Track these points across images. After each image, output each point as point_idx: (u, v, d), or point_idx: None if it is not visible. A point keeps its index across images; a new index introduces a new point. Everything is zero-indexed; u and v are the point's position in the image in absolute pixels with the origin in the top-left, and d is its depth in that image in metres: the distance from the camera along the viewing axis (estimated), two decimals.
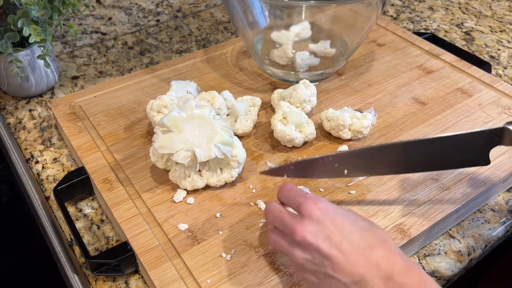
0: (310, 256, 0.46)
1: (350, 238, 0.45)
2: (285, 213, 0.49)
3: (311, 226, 0.46)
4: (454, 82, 0.81)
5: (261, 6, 0.72)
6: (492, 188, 0.64)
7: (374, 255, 0.44)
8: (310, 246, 0.46)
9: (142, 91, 0.79)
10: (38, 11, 0.70)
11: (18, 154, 0.73)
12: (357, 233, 0.46)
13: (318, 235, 0.45)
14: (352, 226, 0.46)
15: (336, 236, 0.45)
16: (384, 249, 0.45)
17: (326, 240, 0.45)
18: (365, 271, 0.44)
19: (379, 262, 0.44)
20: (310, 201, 0.47)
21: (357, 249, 0.45)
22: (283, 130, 0.66)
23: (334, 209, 0.48)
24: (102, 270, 0.56)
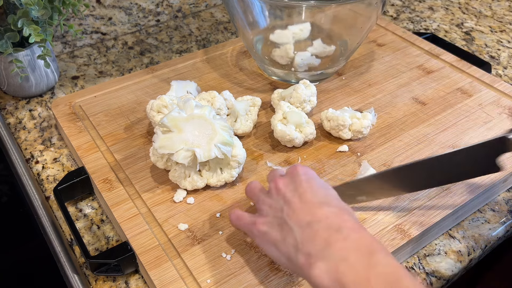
0: (274, 202, 0.49)
1: (315, 193, 0.48)
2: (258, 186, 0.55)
3: (287, 179, 0.50)
4: (454, 82, 0.81)
5: (261, 6, 0.72)
6: (492, 188, 0.64)
7: (328, 210, 0.46)
8: (278, 192, 0.49)
9: (142, 91, 0.79)
10: (38, 11, 0.70)
11: (18, 154, 0.73)
12: (322, 193, 0.48)
13: (289, 185, 0.49)
14: (322, 189, 0.49)
15: (302, 188, 0.48)
16: (339, 209, 0.46)
17: (293, 190, 0.49)
18: (313, 219, 0.45)
19: (329, 215, 0.45)
20: (297, 165, 0.52)
21: (317, 202, 0.47)
22: (283, 130, 0.66)
23: (314, 174, 0.51)
24: (102, 270, 0.56)
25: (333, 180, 0.64)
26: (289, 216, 0.46)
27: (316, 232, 0.44)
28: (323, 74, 0.81)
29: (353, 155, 0.68)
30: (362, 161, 0.67)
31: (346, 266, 0.41)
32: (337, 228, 0.43)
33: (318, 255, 0.42)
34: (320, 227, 0.44)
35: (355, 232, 0.43)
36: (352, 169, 0.66)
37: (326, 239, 0.43)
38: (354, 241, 0.42)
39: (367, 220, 0.59)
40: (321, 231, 0.43)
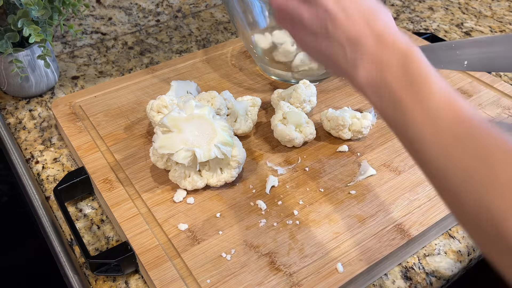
0: (315, 13, 0.46)
1: (357, 4, 0.45)
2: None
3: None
4: (453, 82, 0.81)
5: (261, 6, 0.72)
6: None
7: (376, 22, 0.44)
8: (320, 4, 0.46)
9: (142, 91, 0.79)
10: (38, 11, 0.70)
11: (18, 154, 0.73)
12: (366, 4, 0.46)
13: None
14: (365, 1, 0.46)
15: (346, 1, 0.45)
16: (388, 22, 0.45)
17: (336, 2, 0.45)
18: (362, 34, 0.44)
19: (378, 29, 0.44)
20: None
21: (361, 15, 0.45)
22: (283, 130, 0.66)
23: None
24: (102, 270, 0.56)
25: (333, 180, 0.64)
26: (334, 30, 0.45)
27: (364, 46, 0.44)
28: (323, 74, 0.81)
29: (353, 155, 0.68)
30: (362, 161, 0.67)
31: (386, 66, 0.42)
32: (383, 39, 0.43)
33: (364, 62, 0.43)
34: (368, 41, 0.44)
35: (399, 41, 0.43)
36: (352, 169, 0.66)
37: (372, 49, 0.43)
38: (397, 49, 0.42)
39: (367, 220, 0.59)
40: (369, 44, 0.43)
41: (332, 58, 0.46)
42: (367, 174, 0.65)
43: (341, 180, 0.64)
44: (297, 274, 0.54)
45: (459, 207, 0.37)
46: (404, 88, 0.40)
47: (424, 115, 0.38)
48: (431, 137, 0.38)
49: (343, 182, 0.64)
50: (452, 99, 0.38)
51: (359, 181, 0.64)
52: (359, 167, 0.66)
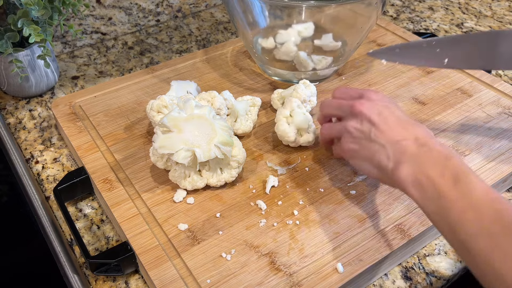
0: (360, 125, 0.55)
1: (397, 118, 0.54)
2: (343, 101, 0.59)
3: (368, 104, 0.55)
4: (454, 82, 0.81)
5: (261, 6, 0.72)
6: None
7: (414, 130, 0.52)
8: (363, 116, 0.54)
9: (142, 91, 0.79)
10: (38, 11, 0.70)
11: (18, 154, 0.73)
12: (404, 118, 0.54)
13: (372, 109, 0.55)
14: (402, 114, 0.55)
15: (386, 113, 0.54)
16: (425, 132, 0.52)
17: (378, 114, 0.54)
18: (402, 137, 0.51)
19: (418, 135, 0.51)
20: (369, 91, 0.57)
21: (401, 125, 0.53)
22: (285, 130, 0.66)
23: (390, 100, 0.57)
24: (102, 270, 0.56)
25: (333, 180, 0.64)
26: (377, 136, 0.53)
27: (405, 147, 0.50)
28: (323, 74, 0.81)
29: None
30: None
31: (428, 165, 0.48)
32: (423, 143, 0.50)
33: (406, 161, 0.50)
34: (408, 143, 0.51)
35: (438, 146, 0.50)
36: (352, 169, 0.66)
37: (413, 150, 0.50)
38: (437, 151, 0.49)
39: (367, 220, 0.59)
40: (410, 146, 0.50)
41: (374, 158, 0.53)
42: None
43: (341, 180, 0.64)
44: (297, 274, 0.54)
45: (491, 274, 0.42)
46: (447, 183, 0.46)
47: (466, 204, 0.44)
48: (473, 223, 0.43)
49: (343, 182, 0.64)
50: (492, 194, 0.44)
51: (359, 181, 0.64)
52: None
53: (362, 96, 0.58)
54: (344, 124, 0.57)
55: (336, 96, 0.62)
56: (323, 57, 0.77)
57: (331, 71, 0.81)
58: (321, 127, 0.63)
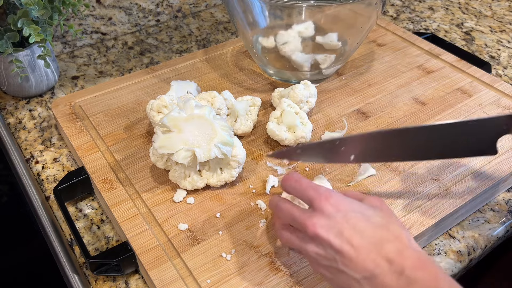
0: (323, 251, 0.46)
1: (362, 233, 0.45)
2: (294, 208, 0.49)
3: (323, 221, 0.46)
4: (454, 82, 0.81)
5: (261, 6, 0.72)
6: (492, 188, 0.64)
7: (385, 250, 0.44)
8: (322, 241, 0.46)
9: (142, 91, 0.79)
10: (38, 11, 0.70)
11: (18, 154, 0.73)
12: (369, 229, 0.46)
13: (330, 230, 0.46)
14: (365, 222, 0.46)
15: (347, 231, 0.45)
16: (396, 244, 0.45)
17: (338, 236, 0.45)
18: (375, 266, 0.44)
19: (390, 257, 0.44)
20: (322, 196, 0.48)
21: (368, 245, 0.44)
22: (273, 129, 0.67)
23: (347, 204, 0.47)
24: (102, 270, 0.56)
25: (333, 180, 0.64)
26: (346, 265, 0.45)
27: (383, 282, 0.43)
28: (323, 74, 0.81)
29: None
30: None
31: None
32: (400, 271, 0.43)
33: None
34: (385, 275, 0.43)
35: (419, 270, 0.43)
36: (352, 169, 0.66)
37: (393, 284, 0.43)
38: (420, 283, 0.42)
39: None
40: (387, 279, 0.43)
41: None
42: (367, 174, 0.65)
43: (341, 180, 0.64)
44: (297, 274, 0.54)
45: None
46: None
47: None
48: None
49: (343, 182, 0.64)
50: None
51: (359, 181, 0.64)
52: (359, 167, 0.66)
53: (312, 204, 0.48)
54: (304, 247, 0.48)
55: (285, 188, 0.52)
56: (326, 55, 0.77)
57: (334, 70, 0.81)
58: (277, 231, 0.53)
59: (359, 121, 0.73)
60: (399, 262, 0.43)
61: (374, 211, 0.48)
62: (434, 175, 0.65)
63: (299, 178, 0.51)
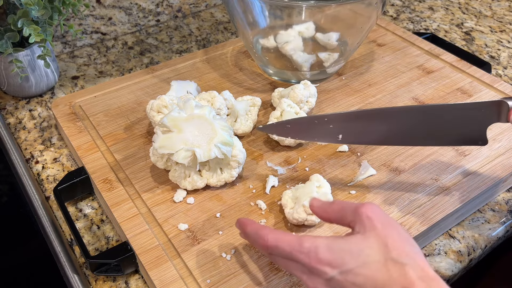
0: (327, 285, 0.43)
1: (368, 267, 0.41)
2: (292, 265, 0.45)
3: (323, 284, 0.43)
4: (454, 82, 0.81)
5: (261, 6, 0.72)
6: (492, 188, 0.64)
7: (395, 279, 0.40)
8: (325, 276, 0.42)
9: (142, 91, 0.79)
10: (38, 11, 0.70)
11: (18, 154, 0.73)
12: (369, 281, 0.41)
13: (332, 263, 0.42)
14: (363, 274, 0.41)
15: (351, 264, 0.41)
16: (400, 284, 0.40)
17: (343, 272, 0.42)
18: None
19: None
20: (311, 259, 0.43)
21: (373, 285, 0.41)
22: None
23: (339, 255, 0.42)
24: (102, 270, 0.56)
25: (333, 180, 0.64)
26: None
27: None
28: (323, 74, 0.81)
29: (353, 155, 0.68)
30: (362, 161, 0.67)
31: None
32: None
33: None
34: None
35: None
36: (352, 169, 0.66)
37: None
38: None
39: None
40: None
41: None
42: (367, 174, 0.65)
43: (341, 180, 0.64)
44: None
45: None
46: None
47: None
48: None
49: (343, 182, 0.64)
50: None
51: (359, 181, 0.64)
52: (359, 167, 0.66)
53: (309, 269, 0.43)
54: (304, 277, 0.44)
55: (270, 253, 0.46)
56: (329, 53, 0.78)
57: (336, 68, 0.81)
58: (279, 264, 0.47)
59: None
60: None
61: (367, 246, 0.43)
62: (434, 175, 0.65)
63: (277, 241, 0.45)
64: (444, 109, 0.54)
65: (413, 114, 0.55)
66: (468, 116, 0.54)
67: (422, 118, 0.55)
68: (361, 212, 0.44)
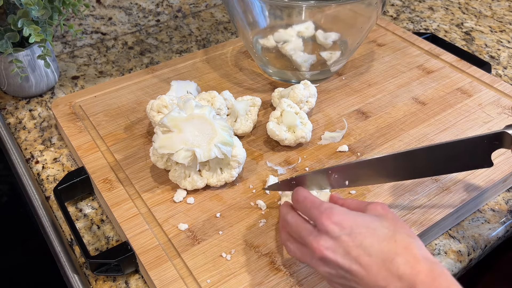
0: (334, 271, 0.46)
1: (369, 250, 0.44)
2: (301, 226, 0.49)
3: (329, 242, 0.46)
4: (454, 82, 0.81)
5: (261, 6, 0.72)
6: (492, 188, 0.64)
7: (395, 265, 0.43)
8: (330, 263, 0.46)
9: (142, 91, 0.79)
10: (38, 11, 0.70)
11: (18, 154, 0.73)
12: (376, 244, 0.45)
13: (336, 251, 0.45)
14: (371, 238, 0.45)
15: (354, 250, 0.45)
16: (406, 256, 0.44)
17: (345, 256, 0.45)
18: (387, 283, 0.43)
19: (401, 273, 0.43)
20: (324, 215, 0.47)
21: (377, 262, 0.44)
22: (273, 130, 0.66)
23: (351, 220, 0.46)
24: (102, 270, 0.56)
25: None
26: (358, 283, 0.45)
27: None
28: (324, 74, 0.81)
29: (353, 155, 0.68)
30: None
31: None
32: (413, 286, 0.42)
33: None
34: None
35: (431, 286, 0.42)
36: None
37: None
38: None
39: None
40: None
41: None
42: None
43: None
44: (297, 274, 0.54)
45: None
46: None
47: None
48: None
49: None
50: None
51: None
52: None
53: (316, 224, 0.47)
54: (315, 266, 0.48)
55: (295, 206, 0.52)
56: (331, 52, 0.78)
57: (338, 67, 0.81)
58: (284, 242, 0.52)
59: (359, 121, 0.73)
60: (410, 278, 0.42)
61: (379, 221, 0.47)
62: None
63: (304, 198, 0.50)
64: (448, 146, 0.55)
65: (416, 155, 0.56)
66: (472, 148, 0.56)
67: (426, 158, 0.56)
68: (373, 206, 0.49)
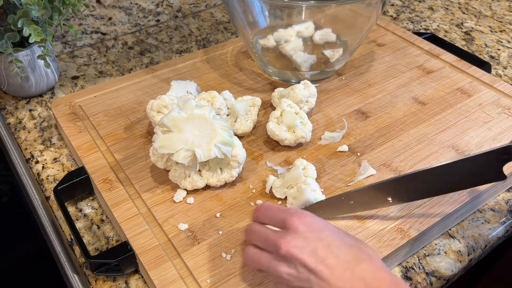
0: (295, 271, 0.45)
1: (336, 252, 0.44)
2: (267, 230, 0.48)
3: (297, 240, 0.45)
4: (454, 82, 0.81)
5: (261, 6, 0.72)
6: (492, 188, 0.64)
7: (360, 269, 0.43)
8: (295, 261, 0.45)
9: (142, 91, 0.79)
10: (38, 11, 0.70)
11: (18, 154, 0.74)
12: (343, 248, 0.45)
13: (304, 249, 0.44)
14: (338, 242, 0.45)
15: (321, 250, 0.44)
16: (370, 264, 0.44)
17: (312, 255, 0.44)
18: (351, 286, 0.43)
19: (366, 277, 0.43)
20: (294, 216, 0.47)
21: (343, 264, 0.44)
22: (273, 130, 0.67)
23: (320, 224, 0.47)
24: (102, 270, 0.56)
25: (332, 180, 0.64)
26: (321, 286, 0.43)
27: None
28: (323, 73, 0.81)
29: (353, 155, 0.68)
30: (362, 161, 0.67)
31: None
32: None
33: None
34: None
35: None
36: (352, 169, 0.66)
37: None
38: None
39: (367, 220, 0.59)
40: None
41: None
42: (367, 174, 0.65)
43: (341, 180, 0.64)
44: None
45: None
46: None
47: None
48: None
49: (343, 182, 0.64)
50: None
51: (359, 181, 0.64)
52: (359, 167, 0.66)
53: (285, 225, 0.47)
54: (274, 267, 0.46)
55: (257, 219, 0.51)
56: (333, 50, 0.78)
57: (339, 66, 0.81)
58: (245, 250, 0.50)
59: (359, 121, 0.73)
60: (374, 283, 0.42)
61: (343, 232, 0.48)
62: None
63: (269, 205, 0.50)
64: (456, 165, 0.56)
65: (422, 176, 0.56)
66: (483, 163, 0.56)
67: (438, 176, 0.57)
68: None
